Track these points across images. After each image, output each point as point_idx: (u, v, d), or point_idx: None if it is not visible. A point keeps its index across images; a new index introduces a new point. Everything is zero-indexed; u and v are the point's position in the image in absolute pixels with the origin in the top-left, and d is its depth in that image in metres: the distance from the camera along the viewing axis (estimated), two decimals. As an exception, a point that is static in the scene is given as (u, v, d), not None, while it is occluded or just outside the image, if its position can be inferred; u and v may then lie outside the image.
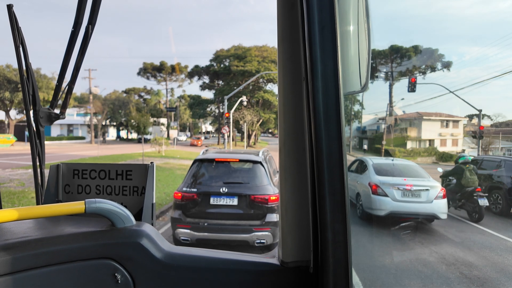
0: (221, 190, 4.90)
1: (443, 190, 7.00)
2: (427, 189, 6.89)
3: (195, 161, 5.41)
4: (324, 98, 0.67)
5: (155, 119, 50.11)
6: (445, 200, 6.91)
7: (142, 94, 53.25)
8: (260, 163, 5.23)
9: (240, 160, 5.38)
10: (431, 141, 38.48)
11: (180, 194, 5.00)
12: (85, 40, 0.95)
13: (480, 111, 14.82)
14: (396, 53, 36.53)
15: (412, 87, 15.03)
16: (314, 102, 0.67)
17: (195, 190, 4.98)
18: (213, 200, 4.90)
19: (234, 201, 4.88)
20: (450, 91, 15.59)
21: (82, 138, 43.74)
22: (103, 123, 42.46)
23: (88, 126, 41.10)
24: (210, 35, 79.31)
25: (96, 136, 39.38)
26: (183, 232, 4.83)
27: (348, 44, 0.76)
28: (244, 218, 4.84)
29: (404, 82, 38.36)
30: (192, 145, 40.11)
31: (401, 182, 7.13)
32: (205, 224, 4.81)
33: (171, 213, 5.28)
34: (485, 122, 43.47)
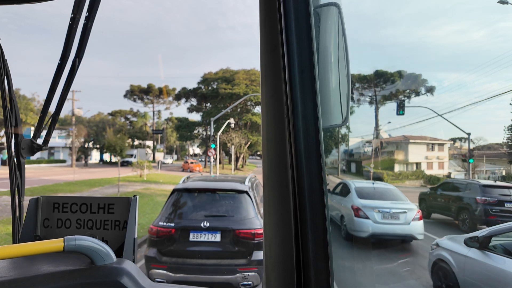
0: (202, 224, 4.38)
1: (419, 212, 7.47)
2: (405, 212, 7.34)
3: (174, 190, 4.88)
4: (304, 135, 0.69)
5: (140, 141, 49.08)
6: (422, 221, 7.39)
7: (129, 116, 52.44)
8: (246, 192, 4.76)
9: (224, 190, 4.91)
10: (418, 164, 38.79)
11: (155, 229, 4.43)
12: (72, 73, 0.96)
13: (469, 134, 14.82)
14: (379, 78, 37.39)
15: (400, 110, 15.01)
16: (295, 139, 0.70)
17: (172, 224, 4.44)
18: (192, 236, 4.36)
19: (217, 237, 4.36)
20: (439, 114, 15.66)
21: (63, 161, 42.04)
22: (86, 146, 41.04)
23: (70, 148, 39.66)
24: (199, 59, 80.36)
25: (78, 159, 37.92)
26: (158, 273, 4.27)
27: (329, 79, 0.79)
28: (227, 256, 4.31)
29: (389, 105, 39.16)
30: (191, 170, 31.58)
31: (382, 205, 7.53)
32: (187, 263, 4.28)
33: (145, 250, 4.64)
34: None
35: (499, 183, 10.59)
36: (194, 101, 44.30)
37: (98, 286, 0.72)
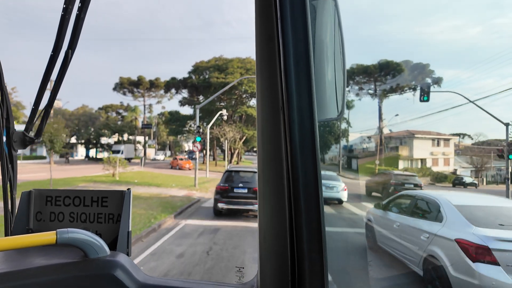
0: (239, 185, 10.46)
1: (345, 187, 12.60)
2: (336, 186, 12.49)
3: (226, 171, 11.15)
4: (299, 128, 0.69)
5: (130, 136, 46.34)
6: (346, 191, 12.60)
7: (120, 111, 49.62)
8: None
9: (248, 171, 10.99)
10: (423, 160, 36.78)
11: (219, 187, 10.50)
12: (64, 64, 0.95)
13: (507, 125, 12.40)
14: (383, 70, 34.84)
15: (424, 95, 12.63)
16: (290, 132, 0.70)
17: (227, 185, 10.46)
18: (235, 190, 10.37)
19: (245, 190, 10.37)
20: (470, 101, 13.35)
21: (43, 157, 39.12)
22: (67, 141, 38.10)
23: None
24: (194, 54, 77.69)
25: (62, 155, 35.09)
26: (221, 205, 10.24)
27: (325, 72, 0.78)
28: (250, 198, 10.25)
29: (392, 99, 36.93)
30: (180, 167, 29.18)
31: (325, 182, 11.78)
32: (233, 200, 10.33)
33: (213, 195, 10.92)
34: (467, 142, 43.23)
35: (405, 172, 18.37)
36: (185, 93, 41.53)
37: (91, 279, 0.72)
